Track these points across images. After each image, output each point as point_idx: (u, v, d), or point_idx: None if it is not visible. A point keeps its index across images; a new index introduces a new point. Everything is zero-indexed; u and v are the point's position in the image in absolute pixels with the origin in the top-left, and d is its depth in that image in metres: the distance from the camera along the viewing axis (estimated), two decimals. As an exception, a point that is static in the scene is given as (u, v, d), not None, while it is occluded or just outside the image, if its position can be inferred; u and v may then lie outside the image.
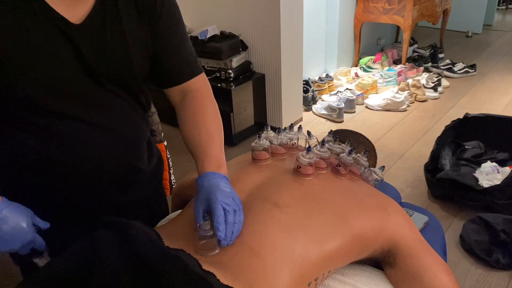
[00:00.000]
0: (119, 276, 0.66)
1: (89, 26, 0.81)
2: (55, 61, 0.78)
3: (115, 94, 0.88)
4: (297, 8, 2.59)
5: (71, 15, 0.79)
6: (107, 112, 0.88)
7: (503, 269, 1.71)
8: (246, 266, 0.72)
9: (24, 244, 0.80)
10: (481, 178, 2.10)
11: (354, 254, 0.86)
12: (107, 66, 0.84)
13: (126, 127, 0.92)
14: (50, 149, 0.84)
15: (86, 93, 0.84)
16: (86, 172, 0.88)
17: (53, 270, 0.71)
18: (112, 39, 0.83)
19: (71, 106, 0.82)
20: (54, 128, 0.83)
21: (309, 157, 0.89)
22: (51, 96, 0.80)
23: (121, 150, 0.92)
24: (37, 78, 0.77)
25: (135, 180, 0.99)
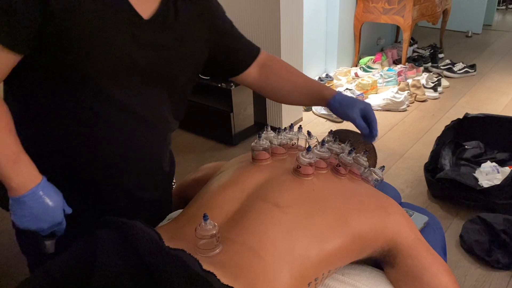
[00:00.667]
0: (120, 276, 0.66)
1: (154, 23, 0.87)
2: (121, 49, 0.83)
3: (161, 91, 0.93)
4: (297, 8, 2.59)
5: (143, 10, 0.85)
6: (151, 107, 0.92)
7: (503, 269, 1.71)
8: (247, 266, 0.73)
9: (53, 225, 0.82)
10: (481, 178, 2.10)
11: (354, 254, 0.86)
12: (162, 64, 0.90)
13: (161, 125, 0.97)
14: (92, 130, 0.87)
15: (137, 84, 0.88)
16: (115, 161, 0.92)
17: (53, 270, 0.71)
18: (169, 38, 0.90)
19: (121, 93, 0.86)
20: (100, 110, 0.86)
21: (309, 157, 0.89)
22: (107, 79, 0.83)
23: (153, 146, 0.97)
24: (102, 59, 0.81)
25: (157, 178, 1.04)
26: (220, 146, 2.73)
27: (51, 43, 0.78)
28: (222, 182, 0.94)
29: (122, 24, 0.82)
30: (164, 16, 0.89)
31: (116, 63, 0.83)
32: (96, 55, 0.80)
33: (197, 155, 2.62)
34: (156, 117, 0.94)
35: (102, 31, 0.80)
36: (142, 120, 0.91)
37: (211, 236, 0.74)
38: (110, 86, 0.84)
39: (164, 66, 0.91)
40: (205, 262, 0.70)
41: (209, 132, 2.80)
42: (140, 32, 0.85)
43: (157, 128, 0.96)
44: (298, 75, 1.12)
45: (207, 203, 0.89)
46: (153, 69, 0.89)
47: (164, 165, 1.04)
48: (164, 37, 0.89)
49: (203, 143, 2.78)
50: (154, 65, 0.89)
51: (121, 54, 0.83)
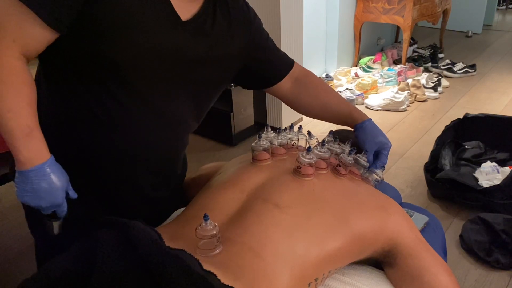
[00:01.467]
0: (120, 276, 0.66)
1: (191, 26, 0.88)
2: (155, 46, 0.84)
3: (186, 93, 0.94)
4: (297, 8, 2.59)
5: (182, 12, 0.86)
6: (174, 108, 0.93)
7: (503, 269, 1.71)
8: (247, 266, 0.73)
9: (52, 205, 0.82)
10: (481, 178, 2.10)
11: (354, 254, 0.86)
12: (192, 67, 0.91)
13: (180, 125, 0.98)
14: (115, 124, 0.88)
15: (163, 83, 0.89)
16: (131, 156, 0.93)
17: (54, 270, 0.71)
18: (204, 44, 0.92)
19: (146, 88, 0.87)
20: (126, 104, 0.87)
21: (309, 157, 0.89)
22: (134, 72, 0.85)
23: (169, 145, 0.98)
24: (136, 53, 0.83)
25: (169, 179, 1.05)
26: (220, 146, 2.73)
27: (88, 26, 0.79)
28: (222, 183, 0.94)
29: (160, 21, 0.84)
30: (202, 22, 0.90)
31: (147, 56, 0.84)
32: (129, 44, 0.82)
33: (197, 155, 2.63)
34: (177, 118, 0.95)
35: (139, 23, 0.81)
36: (163, 117, 0.92)
37: (212, 236, 0.74)
38: (136, 77, 0.85)
39: (192, 70, 0.92)
40: (205, 262, 0.70)
41: (209, 132, 2.80)
42: (176, 32, 0.86)
43: (176, 129, 0.97)
44: (330, 96, 1.13)
45: (207, 203, 0.89)
46: (181, 70, 0.90)
47: (177, 166, 1.06)
48: (197, 41, 0.90)
49: (203, 143, 2.78)
50: (183, 67, 0.90)
51: (153, 49, 0.84)
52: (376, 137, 1.03)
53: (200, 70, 0.94)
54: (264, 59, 1.08)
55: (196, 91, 0.96)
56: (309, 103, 1.14)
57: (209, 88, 1.00)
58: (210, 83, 0.99)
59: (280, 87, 1.13)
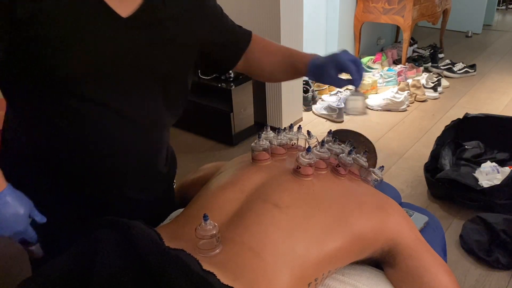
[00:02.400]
0: (120, 277, 0.66)
1: (136, 21, 0.84)
2: (99, 51, 0.81)
3: (151, 92, 0.91)
4: (297, 8, 2.59)
5: (120, 9, 0.83)
6: (139, 107, 0.90)
7: (503, 269, 1.71)
8: (247, 266, 0.73)
9: (15, 234, 0.81)
10: (481, 178, 2.10)
11: (354, 255, 0.86)
12: (149, 63, 0.88)
13: (154, 127, 0.95)
14: (78, 132, 0.86)
15: (122, 85, 0.86)
16: (109, 163, 0.91)
17: (53, 271, 0.71)
18: (156, 36, 0.87)
19: (109, 96, 0.85)
20: (87, 113, 0.85)
21: (308, 157, 0.89)
22: (89, 82, 0.82)
23: (146, 148, 0.95)
24: (82, 62, 0.80)
25: (152, 179, 1.02)
26: (220, 146, 2.73)
27: (26, 51, 0.77)
28: (222, 183, 0.94)
29: (98, 24, 0.80)
30: (149, 14, 0.86)
31: (94, 64, 0.81)
32: (73, 58, 0.79)
33: (197, 155, 2.63)
34: (146, 117, 0.92)
35: (76, 34, 0.78)
36: (129, 121, 0.89)
37: (211, 236, 0.74)
38: (90, 87, 0.82)
39: (152, 65, 0.88)
40: (205, 262, 0.70)
41: (209, 132, 2.80)
42: (120, 31, 0.83)
43: (147, 128, 0.94)
44: (276, 53, 1.09)
45: (207, 203, 0.89)
46: (139, 68, 0.87)
47: (159, 166, 1.02)
48: (149, 34, 0.86)
49: (203, 143, 2.78)
50: (141, 64, 0.87)
51: (100, 56, 0.81)
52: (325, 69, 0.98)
53: (156, 64, 0.89)
54: (220, 41, 1.04)
55: (163, 86, 0.92)
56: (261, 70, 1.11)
57: (176, 79, 0.95)
58: (175, 74, 0.94)
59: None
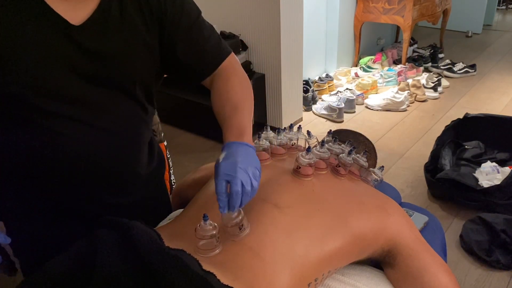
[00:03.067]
0: (120, 276, 0.66)
1: (89, 29, 0.81)
2: (50, 61, 0.78)
3: (114, 97, 0.87)
4: (297, 8, 2.59)
5: (71, 17, 0.79)
6: (106, 114, 0.87)
7: (503, 269, 1.71)
8: (247, 267, 0.73)
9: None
10: (481, 178, 2.10)
11: (354, 255, 0.86)
12: (105, 70, 0.83)
13: (124, 130, 0.91)
14: (47, 147, 0.83)
15: (82, 95, 0.83)
16: (82, 173, 0.88)
17: (53, 270, 0.72)
18: (113, 42, 0.83)
19: (67, 107, 0.82)
20: (51, 127, 0.82)
21: (308, 157, 0.89)
22: (45, 96, 0.79)
23: (118, 153, 0.91)
24: (30, 77, 0.77)
25: (132, 183, 0.98)
26: (220, 146, 2.72)
27: None
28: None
29: (48, 34, 0.77)
30: (103, 20, 0.82)
31: (48, 77, 0.78)
32: (25, 73, 0.76)
33: (197, 155, 2.62)
34: (112, 122, 0.88)
35: (25, 47, 0.75)
36: (95, 128, 0.86)
37: (211, 237, 0.74)
38: (49, 101, 0.79)
39: (110, 72, 0.84)
40: (205, 262, 0.70)
41: (209, 132, 2.80)
42: (74, 39, 0.79)
43: (117, 133, 0.89)
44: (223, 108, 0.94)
45: (206, 203, 0.89)
46: (97, 76, 0.83)
47: (139, 168, 0.97)
48: (104, 41, 0.82)
49: (203, 143, 2.78)
50: (98, 72, 0.83)
51: (53, 66, 0.78)
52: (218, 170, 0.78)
53: (119, 70, 0.85)
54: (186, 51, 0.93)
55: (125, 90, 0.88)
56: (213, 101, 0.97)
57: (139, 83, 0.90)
58: (135, 79, 0.89)
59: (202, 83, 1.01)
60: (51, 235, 0.93)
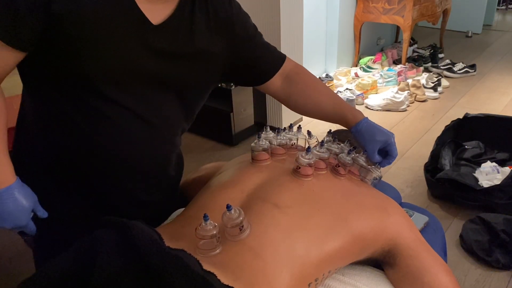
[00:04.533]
0: (120, 276, 0.66)
1: (164, 29, 0.86)
2: (127, 54, 0.83)
3: (169, 98, 0.93)
4: (297, 8, 2.59)
5: (152, 16, 0.84)
6: (157, 112, 0.92)
7: (503, 269, 1.71)
8: (247, 267, 0.73)
9: (16, 227, 0.83)
10: (481, 178, 2.10)
11: (354, 255, 0.86)
12: (168, 71, 0.89)
13: (168, 130, 0.97)
14: (96, 131, 0.87)
15: (143, 90, 0.88)
16: (123, 164, 0.92)
17: (54, 270, 0.71)
18: (180, 47, 0.89)
19: (127, 98, 0.87)
20: (105, 112, 0.86)
21: (308, 157, 0.89)
22: (112, 84, 0.84)
23: (157, 150, 0.96)
24: (107, 64, 0.82)
25: (161, 182, 1.03)
26: (220, 146, 2.73)
27: (56, 45, 0.79)
28: (222, 183, 0.94)
29: (130, 29, 0.82)
30: (178, 23, 0.88)
31: (119, 67, 0.83)
32: (99, 58, 0.81)
33: (197, 155, 2.63)
34: (162, 122, 0.94)
35: (108, 36, 0.80)
36: (147, 124, 0.91)
37: (211, 237, 0.74)
38: (111, 88, 0.84)
39: (174, 74, 0.90)
40: (205, 262, 0.70)
41: (209, 132, 2.80)
42: (149, 38, 0.84)
43: (163, 132, 0.96)
44: (323, 94, 1.08)
45: (207, 203, 0.89)
46: (162, 76, 0.89)
47: (169, 169, 1.04)
48: (176, 44, 0.88)
49: (203, 143, 2.78)
50: (164, 72, 0.88)
51: (127, 59, 0.83)
52: (374, 136, 0.99)
53: (183, 73, 0.92)
54: (251, 57, 1.04)
55: (181, 94, 0.95)
56: (301, 102, 1.09)
57: (194, 89, 0.98)
58: (193, 84, 0.96)
59: (271, 84, 1.09)
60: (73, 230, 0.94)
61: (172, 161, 1.04)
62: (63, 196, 0.95)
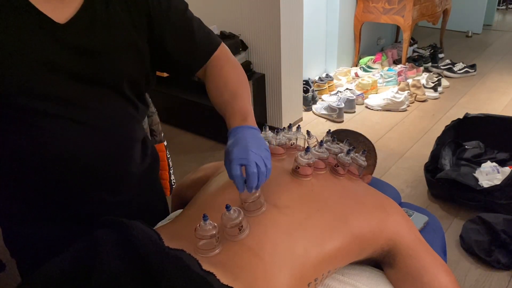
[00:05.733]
0: (120, 277, 0.66)
1: (74, 26, 0.80)
2: (34, 60, 0.77)
3: (102, 94, 0.87)
4: (297, 8, 2.59)
5: (56, 16, 0.79)
6: (94, 112, 0.86)
7: (503, 269, 1.71)
8: (246, 267, 0.73)
9: None
10: (481, 178, 2.10)
11: (353, 255, 0.86)
12: (92, 68, 0.83)
13: (114, 127, 0.90)
14: (35, 146, 0.83)
15: (70, 93, 0.82)
16: (73, 171, 0.87)
17: (53, 270, 0.72)
18: (99, 39, 0.83)
19: (53, 105, 0.81)
20: (39, 125, 0.81)
21: (307, 157, 0.89)
22: (30, 95, 0.79)
23: (109, 151, 0.90)
24: (13, 76, 0.76)
25: (125, 181, 0.98)
26: (220, 146, 2.73)
27: None
28: (221, 183, 0.94)
29: (33, 33, 0.76)
30: (89, 18, 0.82)
31: (35, 74, 0.77)
32: (8, 71, 0.75)
33: (197, 155, 2.63)
34: (105, 120, 0.88)
35: (7, 47, 0.75)
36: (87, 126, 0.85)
37: (211, 237, 0.74)
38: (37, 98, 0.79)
39: (97, 69, 0.84)
40: (205, 262, 0.70)
41: (209, 132, 2.80)
42: (61, 36, 0.79)
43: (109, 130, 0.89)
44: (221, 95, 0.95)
45: (206, 203, 0.89)
46: (84, 74, 0.83)
47: (131, 166, 0.97)
48: (90, 39, 0.82)
49: (203, 143, 2.78)
50: (85, 70, 0.82)
51: (37, 64, 0.77)
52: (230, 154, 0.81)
53: (107, 68, 0.85)
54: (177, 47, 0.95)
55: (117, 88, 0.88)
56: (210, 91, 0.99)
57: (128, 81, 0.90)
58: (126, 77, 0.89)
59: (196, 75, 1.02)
60: (48, 235, 0.94)
61: (132, 157, 0.97)
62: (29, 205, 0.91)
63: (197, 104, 2.70)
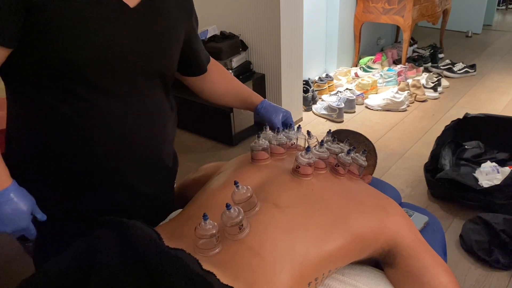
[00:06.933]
0: (119, 276, 0.66)
1: (140, 12, 0.87)
2: (111, 39, 0.84)
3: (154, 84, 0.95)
4: (297, 8, 2.59)
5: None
6: (144, 97, 0.93)
7: (503, 269, 1.71)
8: (246, 266, 0.73)
9: (17, 230, 0.82)
10: (481, 178, 2.10)
11: (354, 254, 0.86)
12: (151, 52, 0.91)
13: (158, 117, 0.98)
14: (83, 120, 0.87)
15: (127, 74, 0.88)
16: (114, 153, 0.91)
17: (53, 270, 0.72)
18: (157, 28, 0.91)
19: (111, 82, 0.87)
20: (93, 101, 0.86)
21: (308, 157, 0.89)
22: (95, 69, 0.84)
23: (150, 138, 0.96)
24: (88, 49, 0.82)
25: (158, 173, 1.04)
26: (220, 146, 2.73)
27: (37, 34, 0.78)
28: (221, 182, 0.94)
29: (108, 13, 0.83)
30: (151, 4, 0.89)
31: (101, 53, 0.83)
32: (82, 45, 0.81)
33: (197, 155, 2.63)
34: (150, 107, 0.95)
35: (86, 22, 0.80)
36: (135, 110, 0.92)
37: (211, 236, 0.74)
38: (96, 75, 0.85)
39: (156, 55, 0.92)
40: (205, 261, 0.70)
41: (209, 132, 2.80)
42: (128, 21, 0.86)
43: (152, 118, 0.96)
44: (232, 80, 1.22)
45: (206, 203, 0.89)
46: (145, 58, 0.90)
47: (165, 159, 1.04)
48: (153, 25, 0.90)
49: (203, 143, 2.78)
50: (147, 54, 0.90)
51: (108, 44, 0.83)
52: (276, 109, 1.17)
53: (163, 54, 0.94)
54: (195, 48, 1.09)
55: (163, 77, 0.97)
56: (214, 90, 1.19)
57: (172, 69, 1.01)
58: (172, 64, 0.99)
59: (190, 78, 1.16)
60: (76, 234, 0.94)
61: (166, 150, 1.04)
62: (60, 198, 0.94)
63: (197, 104, 2.70)
